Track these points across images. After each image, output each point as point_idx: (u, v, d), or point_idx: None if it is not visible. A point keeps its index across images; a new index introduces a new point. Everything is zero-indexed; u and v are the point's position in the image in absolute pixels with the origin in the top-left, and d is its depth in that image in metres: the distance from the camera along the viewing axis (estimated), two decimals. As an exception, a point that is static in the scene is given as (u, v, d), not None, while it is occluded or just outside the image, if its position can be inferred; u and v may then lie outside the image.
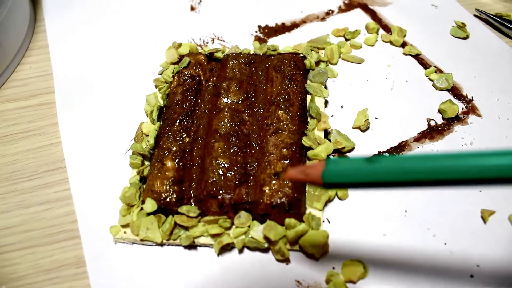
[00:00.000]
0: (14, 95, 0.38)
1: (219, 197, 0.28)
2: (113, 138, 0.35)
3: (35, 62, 0.41)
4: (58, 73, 0.39)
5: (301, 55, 0.36)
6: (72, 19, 0.43)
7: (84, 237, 0.30)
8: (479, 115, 0.35)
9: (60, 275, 0.29)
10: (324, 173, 0.20)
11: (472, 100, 0.36)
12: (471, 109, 0.36)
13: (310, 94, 0.34)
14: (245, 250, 0.29)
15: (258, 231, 0.28)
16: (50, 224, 0.31)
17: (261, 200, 0.28)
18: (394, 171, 0.19)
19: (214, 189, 0.29)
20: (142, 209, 0.30)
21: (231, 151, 0.30)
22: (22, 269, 0.29)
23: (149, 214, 0.29)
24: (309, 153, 0.31)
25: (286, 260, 0.28)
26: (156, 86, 0.36)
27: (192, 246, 0.29)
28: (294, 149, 0.30)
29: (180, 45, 0.38)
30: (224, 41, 0.41)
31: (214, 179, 0.29)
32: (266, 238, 0.28)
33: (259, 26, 0.42)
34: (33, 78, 0.40)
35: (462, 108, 0.36)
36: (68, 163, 0.33)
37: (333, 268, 0.28)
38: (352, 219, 0.30)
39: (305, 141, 0.31)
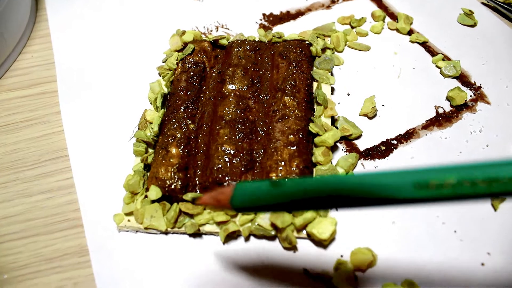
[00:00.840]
0: (15, 84, 0.38)
1: (225, 183, 0.28)
2: (117, 126, 0.34)
3: (37, 51, 0.40)
4: (60, 62, 0.38)
5: (306, 42, 0.35)
6: (74, 8, 0.43)
7: (87, 226, 0.29)
8: (488, 103, 0.35)
9: (63, 264, 0.28)
10: (232, 198, 0.21)
11: (480, 87, 0.36)
12: (479, 96, 0.35)
13: (317, 81, 0.33)
14: (252, 238, 0.29)
15: (265, 218, 0.28)
16: (52, 212, 0.30)
17: (268, 187, 0.28)
18: (296, 192, 0.20)
19: (220, 175, 0.28)
20: (146, 197, 0.29)
21: (237, 137, 0.30)
22: (24, 258, 0.29)
23: (153, 201, 0.29)
24: (316, 139, 0.30)
25: (293, 248, 0.28)
26: (160, 74, 0.36)
27: (197, 234, 0.29)
28: (301, 135, 0.29)
29: (184, 32, 0.37)
30: (228, 29, 0.40)
31: (220, 165, 0.28)
32: (273, 225, 0.27)
33: (264, 14, 0.41)
34: (35, 67, 0.39)
35: (471, 96, 0.35)
36: (70, 151, 0.33)
37: (342, 256, 0.28)
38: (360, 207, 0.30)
39: (312, 128, 0.30)
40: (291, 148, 0.29)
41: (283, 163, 0.28)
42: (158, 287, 0.27)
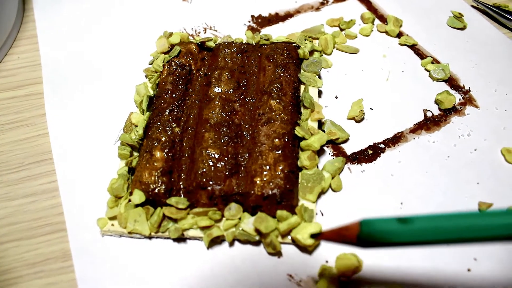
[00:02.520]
0: (1, 86, 0.37)
1: (209, 188, 0.28)
2: (102, 129, 0.34)
3: (23, 52, 0.40)
4: (47, 63, 0.38)
5: (294, 44, 0.35)
6: (61, 9, 0.42)
7: (71, 230, 0.29)
8: (477, 106, 0.35)
9: (45, 269, 0.28)
10: (360, 236, 0.21)
11: (469, 91, 0.36)
12: (468, 100, 0.35)
13: (304, 83, 0.33)
14: (236, 243, 0.28)
15: (248, 223, 0.27)
16: (35, 216, 0.30)
17: (252, 192, 0.27)
18: (428, 232, 0.20)
19: (204, 180, 0.28)
20: (130, 201, 0.29)
21: (222, 141, 0.29)
22: (6, 262, 0.28)
23: (137, 206, 0.28)
24: (302, 143, 0.30)
25: (278, 254, 0.28)
26: (146, 76, 0.36)
27: (181, 239, 0.28)
28: (286, 139, 0.29)
29: (171, 34, 0.37)
30: (216, 31, 0.40)
31: (204, 169, 0.28)
32: (257, 230, 0.27)
33: (252, 16, 0.41)
34: (21, 69, 0.39)
35: (459, 99, 0.35)
36: (55, 154, 0.33)
37: (327, 261, 0.27)
38: (346, 211, 0.29)
39: (298, 131, 0.30)
40: (276, 152, 0.28)
41: (268, 167, 0.28)
42: (141, 292, 0.27)
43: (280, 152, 0.28)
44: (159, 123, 0.31)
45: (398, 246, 0.21)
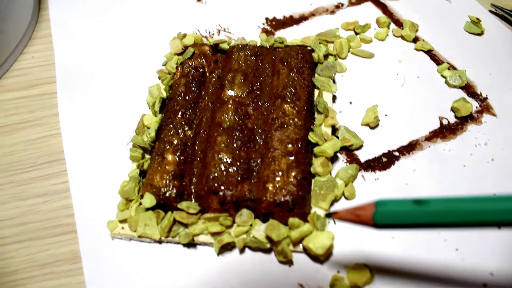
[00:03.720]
0: (15, 85, 0.37)
1: (220, 193, 0.27)
2: (114, 130, 0.34)
3: (38, 51, 0.40)
4: (60, 63, 0.38)
5: (309, 48, 0.35)
6: (76, 9, 0.42)
7: (81, 232, 0.29)
8: (494, 114, 0.34)
9: (55, 271, 0.28)
10: (375, 216, 0.21)
11: (486, 98, 0.35)
12: (485, 108, 0.34)
13: (318, 88, 0.33)
14: (247, 250, 0.28)
15: (260, 230, 0.27)
16: (47, 217, 0.30)
17: (264, 198, 0.27)
18: (444, 213, 0.20)
19: (216, 184, 0.27)
20: (141, 204, 0.29)
21: (234, 145, 0.29)
22: (16, 263, 0.28)
23: (147, 209, 0.28)
24: (316, 149, 0.30)
25: (289, 262, 0.27)
26: (159, 78, 0.35)
27: (191, 244, 0.28)
28: (300, 145, 0.29)
29: (184, 35, 0.37)
30: (230, 33, 0.39)
31: (216, 174, 0.28)
32: (268, 238, 0.27)
33: (267, 18, 0.40)
34: (35, 68, 0.39)
35: (476, 107, 0.34)
36: (67, 155, 0.33)
37: (338, 272, 0.27)
38: (358, 220, 0.29)
39: (312, 137, 0.29)
40: (289, 158, 0.28)
41: (280, 173, 0.28)
42: (150, 297, 0.26)
43: (293, 158, 0.28)
44: (171, 126, 0.30)
45: (412, 228, 0.21)
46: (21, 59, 0.39)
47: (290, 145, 0.29)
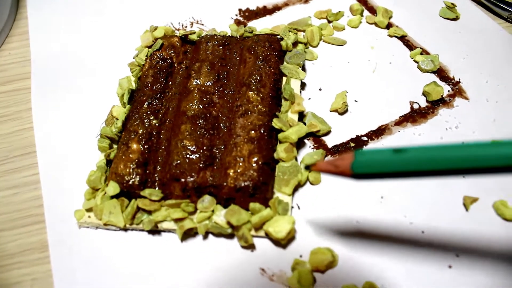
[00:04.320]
0: (-9, 81, 0.38)
1: (182, 180, 0.27)
2: (85, 123, 0.34)
3: (15, 48, 0.40)
4: (36, 59, 0.38)
5: (278, 36, 0.34)
6: (53, 6, 0.43)
7: (49, 221, 0.29)
8: (466, 98, 0.34)
9: (23, 260, 0.28)
10: (353, 164, 0.21)
11: (459, 82, 0.34)
12: (457, 91, 0.34)
13: (286, 76, 0.33)
14: (210, 236, 0.28)
15: (221, 216, 0.27)
16: (17, 208, 0.30)
17: (225, 183, 0.27)
18: (422, 161, 0.20)
19: (178, 171, 0.27)
20: (106, 193, 0.29)
21: (198, 133, 0.29)
22: (-15, 253, 0.29)
23: (112, 197, 0.28)
24: (280, 135, 0.29)
25: (251, 247, 0.27)
26: (130, 70, 0.36)
27: (156, 231, 0.28)
28: (262, 131, 0.29)
29: (156, 28, 0.37)
30: (203, 24, 0.40)
31: (178, 161, 0.28)
32: (229, 223, 0.27)
33: (240, 10, 0.40)
34: (11, 64, 0.39)
35: (448, 91, 0.34)
36: (38, 147, 0.33)
37: (301, 256, 0.27)
38: (324, 205, 0.29)
39: (275, 123, 0.29)
40: (251, 144, 0.28)
41: (242, 159, 0.28)
42: (115, 284, 0.26)
43: (255, 144, 0.28)
44: (137, 116, 0.31)
45: (391, 178, 0.21)
46: (-2, 56, 0.40)
47: (252, 132, 0.29)
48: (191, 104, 0.30)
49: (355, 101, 0.34)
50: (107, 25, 0.40)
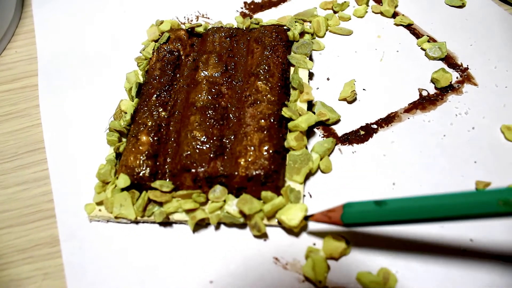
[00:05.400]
0: (-2, 79, 0.38)
1: (193, 170, 0.27)
2: (93, 118, 0.34)
3: (21, 46, 0.40)
4: (42, 56, 0.38)
5: (284, 27, 0.34)
6: (58, 3, 0.43)
7: (59, 216, 0.29)
8: (475, 84, 0.33)
9: (34, 255, 0.28)
10: (343, 216, 0.24)
11: (467, 68, 0.34)
12: (466, 78, 0.34)
13: (294, 65, 0.33)
14: (222, 226, 0.28)
15: (233, 205, 0.27)
16: (27, 204, 0.30)
17: (236, 173, 0.27)
18: (399, 212, 0.22)
19: (188, 162, 0.27)
20: (117, 185, 0.29)
21: (207, 124, 0.29)
22: (-3, 248, 0.28)
23: (123, 190, 0.28)
24: (290, 124, 0.29)
25: (263, 236, 0.27)
26: (137, 64, 0.35)
27: (167, 223, 0.28)
28: (272, 120, 0.28)
29: (162, 22, 0.37)
30: (208, 18, 0.39)
31: (189, 152, 0.28)
32: (241, 212, 0.26)
33: (245, 2, 0.40)
34: (18, 62, 0.39)
35: (457, 77, 0.34)
36: (47, 143, 0.33)
37: (314, 244, 0.27)
38: (335, 193, 0.29)
39: (285, 112, 0.29)
40: (262, 133, 0.28)
41: (252, 148, 0.27)
42: (127, 276, 0.26)
43: (265, 132, 0.28)
44: (146, 108, 0.30)
45: (377, 225, 0.24)
46: (5, 54, 0.40)
47: (262, 121, 0.28)
48: (199, 95, 0.30)
49: (364, 89, 0.33)
50: (112, 21, 0.40)
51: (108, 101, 0.35)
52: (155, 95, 0.31)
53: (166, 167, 0.29)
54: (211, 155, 0.28)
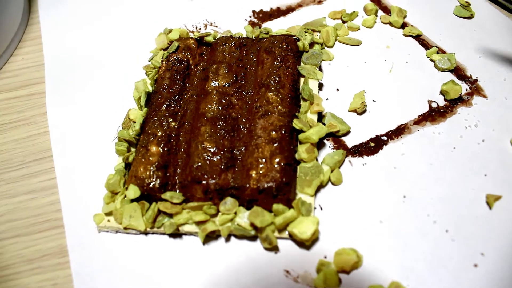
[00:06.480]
0: (5, 86, 0.38)
1: (204, 182, 0.27)
2: (101, 127, 0.34)
3: (28, 53, 0.40)
4: (49, 63, 0.38)
5: (294, 37, 0.34)
6: (65, 10, 0.42)
7: (68, 226, 0.29)
8: (485, 96, 0.33)
9: (42, 265, 0.28)
10: None
11: (476, 80, 0.34)
12: (475, 90, 0.34)
13: (304, 76, 0.32)
14: (232, 238, 0.28)
15: (244, 217, 0.27)
16: (34, 213, 0.30)
17: (247, 185, 0.27)
18: None
19: (199, 174, 0.27)
20: (126, 196, 0.28)
21: (218, 135, 0.29)
22: (4, 259, 0.28)
23: (132, 201, 0.28)
24: (300, 136, 0.29)
25: (274, 249, 0.27)
26: (146, 73, 0.35)
27: (177, 234, 0.28)
28: (283, 132, 0.28)
29: (170, 31, 0.37)
30: (217, 27, 0.39)
31: (199, 163, 0.28)
32: (253, 225, 0.26)
33: (253, 11, 0.40)
34: (24, 69, 0.39)
35: (466, 89, 0.34)
36: (54, 152, 0.33)
37: (325, 257, 0.27)
38: (346, 206, 0.28)
39: (296, 124, 0.29)
40: (273, 145, 0.28)
41: (263, 160, 0.27)
42: (135, 288, 0.26)
43: (276, 144, 0.28)
44: (155, 118, 0.30)
45: None
46: (11, 61, 0.40)
47: (273, 132, 0.28)
48: (210, 106, 0.30)
49: (373, 101, 0.33)
50: (120, 29, 0.40)
51: (116, 110, 0.34)
52: (165, 105, 0.31)
53: (176, 178, 0.28)
54: (222, 167, 0.27)
